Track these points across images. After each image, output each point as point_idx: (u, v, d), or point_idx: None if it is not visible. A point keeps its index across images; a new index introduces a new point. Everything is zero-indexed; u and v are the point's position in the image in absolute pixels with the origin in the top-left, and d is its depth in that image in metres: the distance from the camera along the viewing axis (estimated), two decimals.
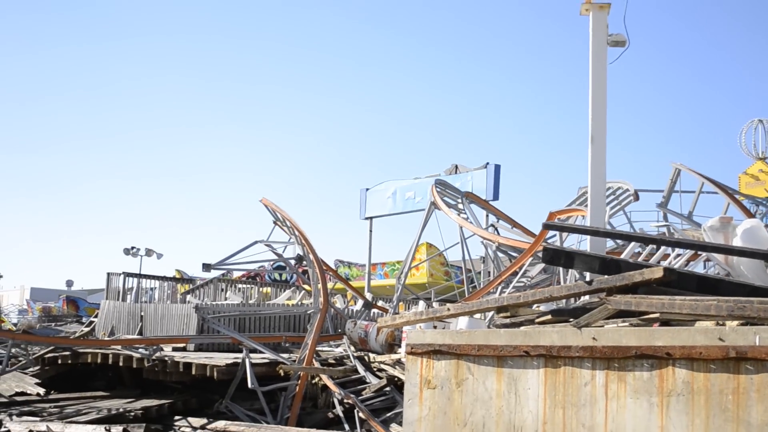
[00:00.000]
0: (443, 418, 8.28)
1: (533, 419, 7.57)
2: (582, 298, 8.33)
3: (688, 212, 18.96)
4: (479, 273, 25.79)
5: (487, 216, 26.67)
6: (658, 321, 7.32)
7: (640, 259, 13.99)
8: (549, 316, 8.12)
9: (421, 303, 24.15)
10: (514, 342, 7.73)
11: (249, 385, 16.50)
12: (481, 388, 8.01)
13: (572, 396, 7.31)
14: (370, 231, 40.48)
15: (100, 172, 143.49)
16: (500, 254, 19.31)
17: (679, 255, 12.89)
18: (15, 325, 34.03)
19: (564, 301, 10.30)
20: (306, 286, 26.48)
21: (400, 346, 17.72)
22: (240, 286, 26.62)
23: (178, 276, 34.24)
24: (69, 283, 69.75)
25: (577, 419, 7.25)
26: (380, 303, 25.95)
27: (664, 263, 11.95)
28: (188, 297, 24.14)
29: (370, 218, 40.34)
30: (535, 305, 8.78)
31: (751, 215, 18.35)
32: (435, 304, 22.64)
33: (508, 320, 8.48)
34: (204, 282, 25.14)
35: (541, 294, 8.30)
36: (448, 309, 8.76)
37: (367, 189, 40.41)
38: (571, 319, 7.91)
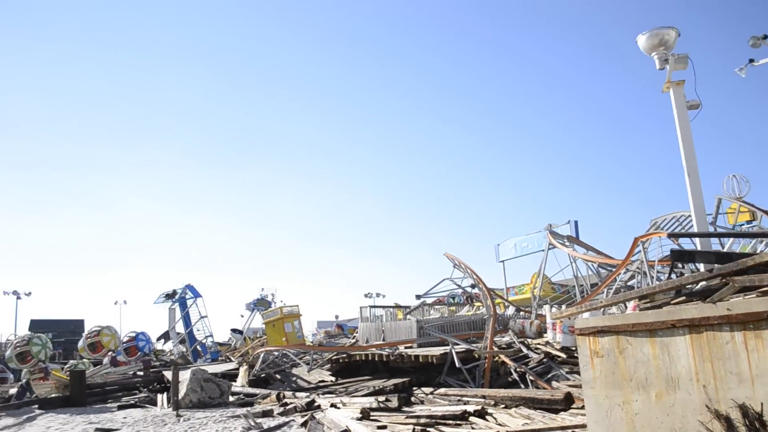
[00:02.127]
0: (612, 377, 6.74)
1: (687, 371, 5.98)
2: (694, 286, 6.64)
3: (732, 225, 16.44)
4: (574, 286, 23.67)
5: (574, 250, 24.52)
6: None
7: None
8: (682, 298, 6.48)
9: (546, 306, 22.35)
10: (662, 318, 6.20)
11: (457, 365, 15.17)
12: (639, 353, 6.46)
13: (717, 352, 5.70)
14: (504, 269, 39.10)
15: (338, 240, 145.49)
16: (601, 270, 17.49)
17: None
18: (311, 342, 33.69)
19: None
20: (478, 303, 24.98)
21: (546, 332, 16.07)
22: (437, 306, 25.51)
23: (396, 305, 33.15)
24: (336, 316, 70.17)
25: (725, 368, 5.63)
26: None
27: None
28: (408, 316, 23.06)
29: (503, 261, 39.09)
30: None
31: None
32: (554, 307, 20.79)
33: (648, 305, 6.86)
34: (415, 306, 24.02)
35: (673, 283, 6.71)
36: (602, 300, 7.22)
37: (498, 244, 39.57)
38: (695, 299, 6.31)
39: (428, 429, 10.91)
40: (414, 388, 16.09)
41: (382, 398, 14.09)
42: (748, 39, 20.05)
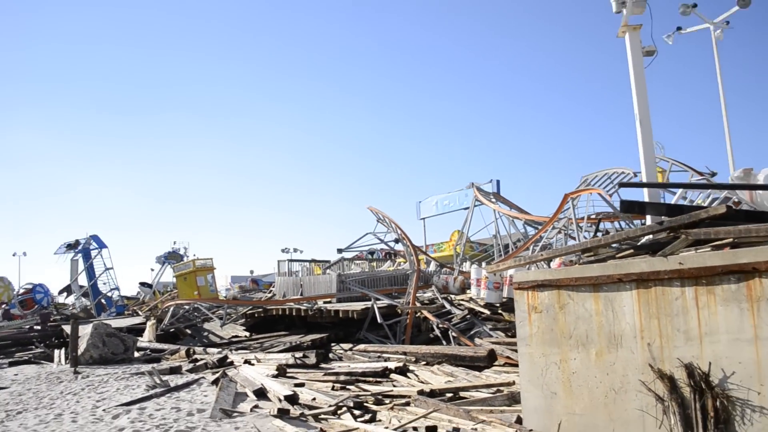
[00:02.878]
0: (551, 334, 6.37)
1: (631, 328, 5.66)
2: (644, 239, 6.28)
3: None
4: (494, 244, 23.54)
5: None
6: (729, 246, 5.33)
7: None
8: (629, 252, 6.10)
9: (467, 263, 22.30)
10: (607, 272, 5.82)
11: (378, 320, 14.72)
12: (581, 309, 6.09)
13: (665, 308, 5.38)
14: (424, 226, 38.86)
15: (263, 196, 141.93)
16: (527, 227, 17.31)
17: (715, 199, 10.69)
18: (225, 297, 32.55)
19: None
20: (401, 259, 24.62)
21: (469, 288, 15.88)
22: (357, 262, 24.94)
23: (312, 260, 32.34)
24: (251, 271, 68.77)
25: (672, 326, 5.32)
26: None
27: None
28: (328, 271, 22.39)
29: (423, 219, 38.66)
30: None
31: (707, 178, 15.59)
32: (475, 265, 20.72)
33: (591, 258, 6.46)
34: (335, 261, 23.36)
35: (619, 235, 6.33)
36: (542, 254, 6.78)
37: (420, 201, 39.10)
38: (642, 253, 5.96)
39: (348, 386, 10.41)
40: (332, 344, 15.63)
41: (299, 354, 13.53)
42: (678, 6, 20.19)
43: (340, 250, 19.29)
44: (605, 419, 5.85)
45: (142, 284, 41.86)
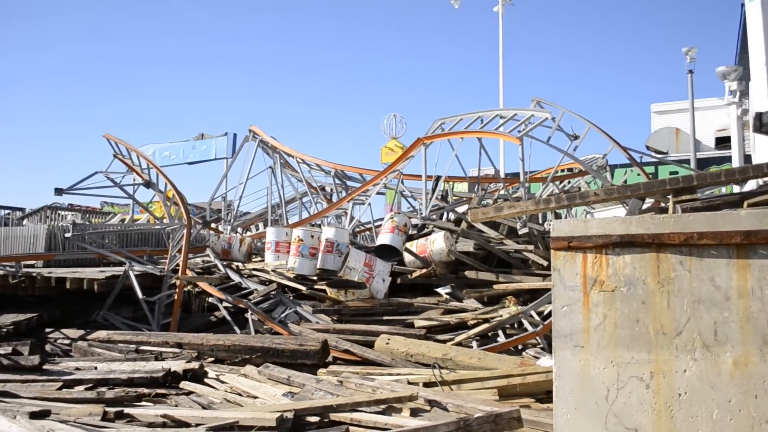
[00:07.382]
0: (633, 328, 3.88)
1: None
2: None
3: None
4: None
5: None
6: None
7: None
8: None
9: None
10: None
11: (139, 295, 10.67)
12: (707, 287, 3.73)
13: None
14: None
15: None
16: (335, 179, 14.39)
17: None
18: None
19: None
20: (140, 215, 19.71)
21: (258, 255, 12.66)
22: (63, 213, 19.17)
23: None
24: None
25: None
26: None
27: None
28: (24, 221, 16.73)
29: None
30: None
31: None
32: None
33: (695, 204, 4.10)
34: (37, 209, 17.67)
35: (753, 170, 4.03)
36: (596, 194, 4.23)
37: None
38: None
39: (127, 410, 6.59)
40: (48, 330, 11.23)
41: (4, 349, 8.98)
42: None
43: (59, 190, 13.94)
44: None
45: None
